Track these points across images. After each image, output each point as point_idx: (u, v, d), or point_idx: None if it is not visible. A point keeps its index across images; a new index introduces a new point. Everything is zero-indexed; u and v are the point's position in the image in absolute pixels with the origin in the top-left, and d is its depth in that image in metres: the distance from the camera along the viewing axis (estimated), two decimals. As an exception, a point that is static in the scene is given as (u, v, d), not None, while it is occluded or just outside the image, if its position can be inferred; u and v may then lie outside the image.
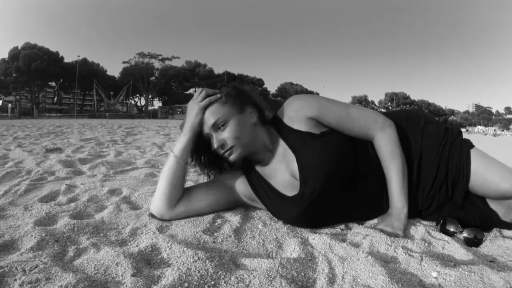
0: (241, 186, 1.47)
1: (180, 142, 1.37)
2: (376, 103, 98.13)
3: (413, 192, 1.43)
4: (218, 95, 1.34)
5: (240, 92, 1.39)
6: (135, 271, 0.95)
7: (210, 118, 1.31)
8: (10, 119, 23.23)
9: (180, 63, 70.99)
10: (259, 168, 1.45)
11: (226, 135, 1.30)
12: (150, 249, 1.10)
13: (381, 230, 1.30)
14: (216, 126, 1.31)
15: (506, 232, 1.40)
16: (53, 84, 61.30)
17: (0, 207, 1.54)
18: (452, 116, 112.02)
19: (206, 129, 1.32)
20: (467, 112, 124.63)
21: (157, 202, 1.38)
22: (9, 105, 36.17)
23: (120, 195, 1.79)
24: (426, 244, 1.21)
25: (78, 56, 57.46)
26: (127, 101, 66.69)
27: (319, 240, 1.20)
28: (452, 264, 1.06)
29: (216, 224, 1.36)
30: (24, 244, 1.13)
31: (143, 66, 61.82)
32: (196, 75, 68.74)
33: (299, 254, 1.10)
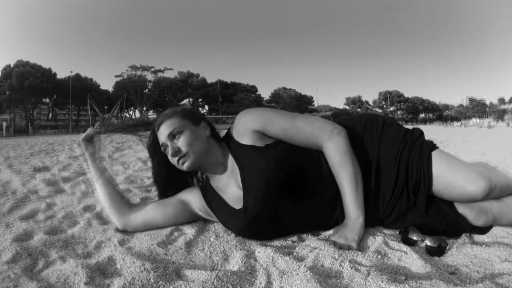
0: (197, 201, 1.56)
1: (90, 170, 1.69)
2: (371, 102, 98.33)
3: (372, 200, 1.39)
4: (97, 129, 1.68)
5: (195, 111, 1.59)
6: (88, 280, 1.09)
7: (166, 129, 1.43)
8: (5, 138, 23.29)
9: (173, 74, 71.35)
10: (213, 183, 1.51)
11: (181, 142, 1.40)
12: (107, 260, 1.24)
13: (334, 242, 1.28)
14: (172, 135, 1.42)
15: (477, 238, 1.35)
16: (47, 100, 61.38)
17: (-16, 226, 1.66)
18: (447, 111, 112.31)
19: (163, 139, 1.44)
20: (461, 105, 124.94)
21: (113, 219, 1.61)
22: (4, 123, 36.20)
23: (93, 211, 1.94)
24: (380, 256, 1.17)
25: (71, 71, 57.60)
26: (121, 115, 66.73)
27: (264, 253, 1.23)
28: (403, 278, 1.02)
29: (173, 236, 1.48)
30: (1, 258, 1.27)
31: (136, 79, 62.05)
32: (189, 86, 68.99)
33: (240, 267, 1.15)
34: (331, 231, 1.41)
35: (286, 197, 1.36)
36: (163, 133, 1.44)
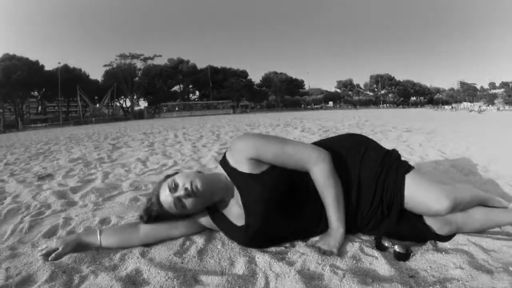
0: (204, 218, 1.78)
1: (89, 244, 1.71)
2: (362, 86, 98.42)
3: (352, 213, 1.64)
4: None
5: None
6: (124, 291, 1.31)
7: (165, 189, 1.59)
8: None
9: (163, 61, 70.52)
10: (218, 204, 1.72)
11: (181, 182, 1.56)
12: (134, 272, 1.46)
13: (319, 248, 1.55)
14: (172, 189, 1.56)
15: (441, 244, 1.56)
16: (36, 93, 60.50)
17: (11, 246, 1.79)
18: (438, 94, 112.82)
19: (169, 198, 1.57)
20: (452, 89, 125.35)
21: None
22: (-8, 119, 35.57)
23: (109, 223, 2.13)
24: (355, 261, 1.43)
25: (59, 63, 56.28)
26: (112, 104, 66.13)
27: (262, 258, 1.50)
28: (371, 280, 1.26)
29: (185, 246, 1.71)
30: (39, 278, 1.43)
31: (125, 67, 61.29)
32: (180, 72, 68.47)
33: (244, 271, 1.42)
34: (317, 238, 1.68)
35: (281, 214, 1.60)
36: (164, 193, 1.59)
